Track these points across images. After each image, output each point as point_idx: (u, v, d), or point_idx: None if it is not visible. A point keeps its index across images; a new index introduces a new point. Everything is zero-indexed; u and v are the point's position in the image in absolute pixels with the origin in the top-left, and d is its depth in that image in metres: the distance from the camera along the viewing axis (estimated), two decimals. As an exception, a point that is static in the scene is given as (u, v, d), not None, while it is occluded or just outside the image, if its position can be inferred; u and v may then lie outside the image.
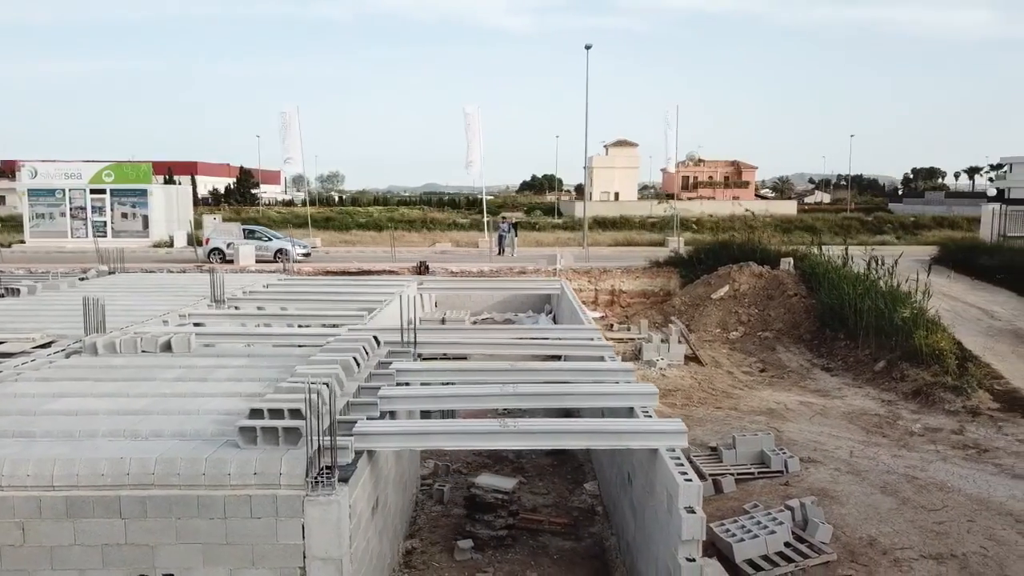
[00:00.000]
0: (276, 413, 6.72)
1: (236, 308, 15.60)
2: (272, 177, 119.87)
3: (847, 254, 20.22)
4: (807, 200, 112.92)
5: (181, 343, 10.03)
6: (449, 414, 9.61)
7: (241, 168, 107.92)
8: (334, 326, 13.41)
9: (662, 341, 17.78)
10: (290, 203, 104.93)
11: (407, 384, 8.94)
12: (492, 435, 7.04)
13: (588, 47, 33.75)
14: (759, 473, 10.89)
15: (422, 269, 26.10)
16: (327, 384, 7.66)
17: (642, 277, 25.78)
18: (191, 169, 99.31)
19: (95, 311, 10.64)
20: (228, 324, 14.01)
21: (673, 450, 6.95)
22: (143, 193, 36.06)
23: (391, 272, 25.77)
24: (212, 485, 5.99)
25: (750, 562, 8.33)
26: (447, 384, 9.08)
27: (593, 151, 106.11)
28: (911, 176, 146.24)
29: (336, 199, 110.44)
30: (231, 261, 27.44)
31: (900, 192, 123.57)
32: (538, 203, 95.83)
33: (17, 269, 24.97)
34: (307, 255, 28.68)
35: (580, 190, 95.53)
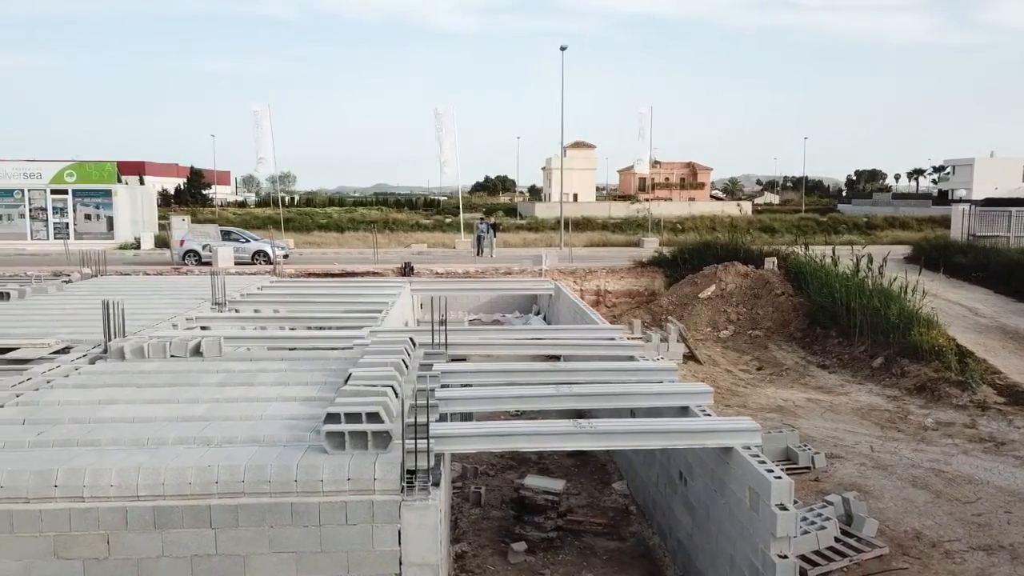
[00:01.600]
0: (353, 417, 6.57)
1: (236, 311, 15.26)
2: (223, 178, 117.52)
3: (835, 254, 20.65)
4: (757, 201, 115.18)
5: (212, 347, 9.75)
6: (467, 416, 9.50)
7: (191, 168, 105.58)
8: (351, 327, 13.23)
9: (661, 340, 17.92)
10: (242, 204, 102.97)
11: (447, 386, 8.83)
12: (569, 436, 6.99)
13: (563, 48, 33.89)
14: (787, 470, 11.05)
15: (407, 270, 25.87)
16: (392, 387, 7.55)
17: (627, 277, 25.96)
18: (139, 169, 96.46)
19: (115, 315, 10.28)
20: (231, 327, 13.69)
21: (748, 448, 7.00)
22: (107, 194, 35.03)
23: (376, 274, 25.49)
24: (305, 492, 5.83)
25: (803, 557, 8.44)
26: (484, 386, 9.00)
27: (551, 152, 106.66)
28: (854, 178, 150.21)
29: (289, 200, 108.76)
30: (207, 263, 26.80)
31: (844, 193, 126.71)
32: (495, 204, 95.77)
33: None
34: (286, 257, 28.19)
35: (533, 191, 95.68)
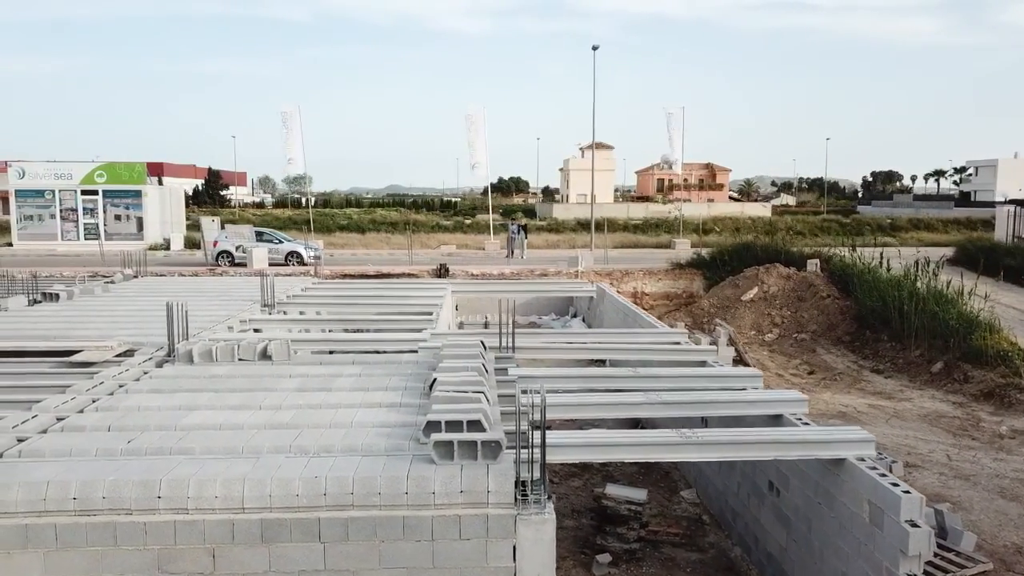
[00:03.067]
0: (454, 425, 6.32)
1: (284, 313, 15.07)
2: (239, 179, 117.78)
3: (883, 256, 20.25)
4: (773, 203, 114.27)
5: (280, 351, 9.52)
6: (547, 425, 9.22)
7: (209, 169, 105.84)
8: (409, 330, 12.99)
9: (710, 344, 17.59)
10: (260, 205, 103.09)
11: (526, 392, 8.56)
12: (674, 447, 6.72)
13: (595, 48, 33.58)
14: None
15: (442, 272, 25.64)
16: (484, 393, 7.29)
17: (664, 279, 25.63)
18: (158, 170, 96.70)
19: (179, 317, 10.07)
20: (283, 329, 13.50)
21: (863, 459, 6.70)
22: (137, 194, 35.01)
23: (411, 275, 25.26)
24: (416, 504, 5.57)
25: (901, 573, 8.12)
26: (564, 392, 8.73)
27: (568, 153, 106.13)
28: (870, 179, 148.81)
29: (305, 201, 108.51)
30: (240, 264, 26.67)
31: (860, 194, 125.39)
32: (511, 205, 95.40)
33: (20, 273, 23.91)
34: (317, 258, 28.02)
35: (546, 192, 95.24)
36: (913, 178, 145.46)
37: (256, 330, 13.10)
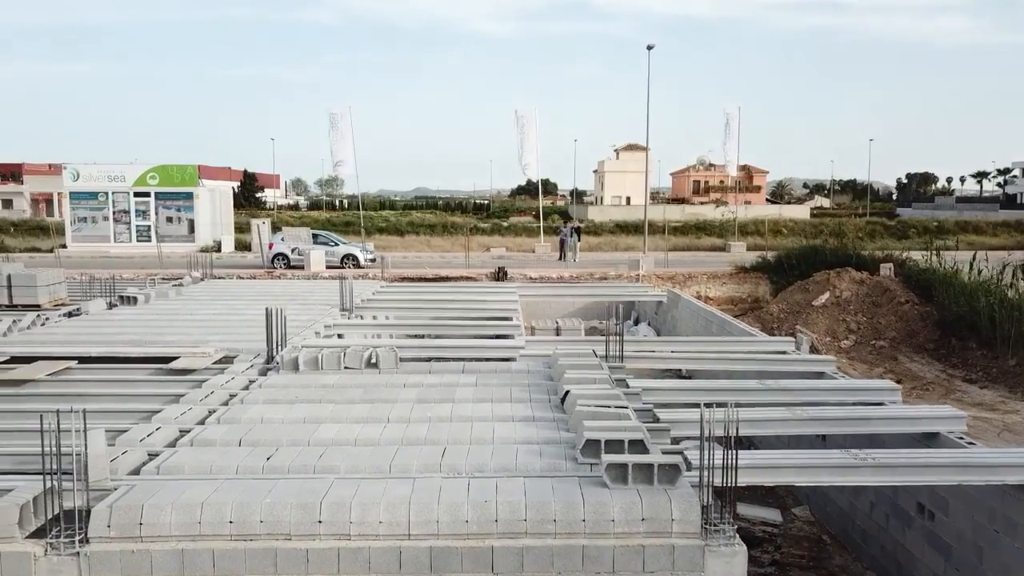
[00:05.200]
0: (614, 445, 5.87)
1: (361, 317, 14.76)
2: (274, 181, 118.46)
3: (975, 259, 19.49)
4: (807, 205, 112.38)
5: (388, 359, 9.14)
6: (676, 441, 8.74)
7: (245, 172, 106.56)
8: (496, 336, 12.61)
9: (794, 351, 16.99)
10: (295, 207, 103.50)
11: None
12: (846, 469, 6.20)
13: (650, 47, 32.98)
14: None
15: (500, 275, 25.24)
16: (628, 408, 6.85)
17: (729, 282, 25.00)
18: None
19: (278, 324, 9.75)
20: (363, 334, 13.19)
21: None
22: (189, 196, 35.02)
23: (469, 278, 24.90)
24: (594, 533, 5.13)
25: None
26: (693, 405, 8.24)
27: (603, 155, 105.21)
28: (905, 181, 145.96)
29: (338, 204, 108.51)
30: (296, 267, 26.49)
31: (895, 196, 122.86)
32: (546, 208, 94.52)
33: (80, 275, 23.94)
34: (372, 260, 27.78)
35: (574, 195, 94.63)
36: (949, 180, 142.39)
37: (339, 335, 12.79)
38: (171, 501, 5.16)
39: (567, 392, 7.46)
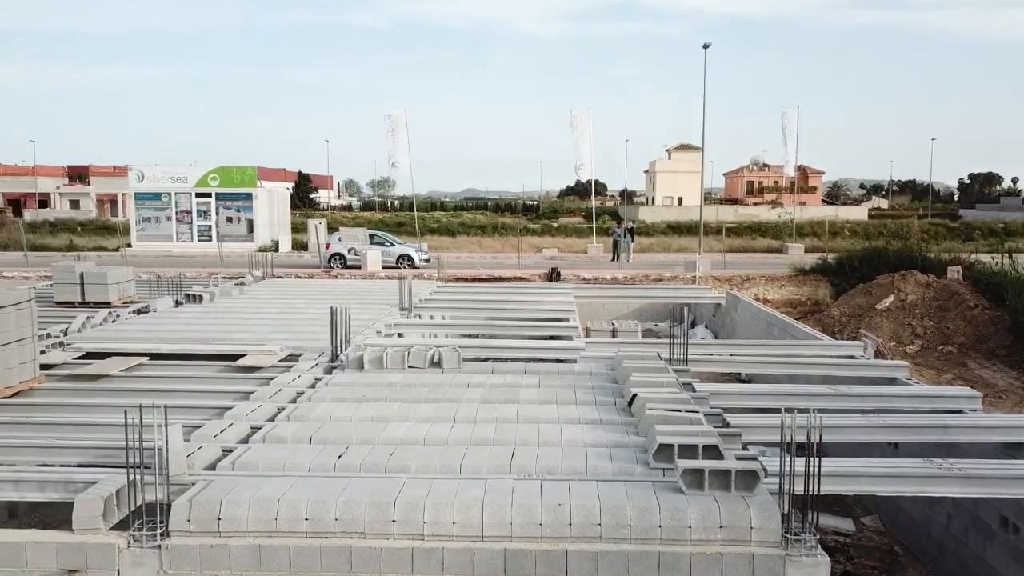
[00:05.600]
0: (688, 450, 5.76)
1: (419, 316, 14.84)
2: (327, 182, 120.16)
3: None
4: (864, 206, 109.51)
5: (451, 359, 9.15)
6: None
7: (299, 173, 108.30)
8: (554, 337, 12.55)
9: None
10: (348, 208, 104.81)
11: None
12: (930, 479, 5.98)
13: (706, 46, 32.56)
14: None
15: (554, 276, 25.15)
16: (699, 413, 6.72)
17: (788, 285, 24.48)
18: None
19: (343, 323, 9.84)
20: (423, 333, 13.24)
21: None
22: (248, 197, 35.74)
23: (522, 279, 24.88)
24: (671, 540, 5.03)
25: None
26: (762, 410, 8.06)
27: (655, 155, 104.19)
28: (967, 181, 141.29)
29: (390, 204, 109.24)
30: (353, 267, 26.79)
31: (956, 197, 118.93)
32: (598, 208, 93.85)
33: (147, 273, 24.61)
34: (427, 261, 27.95)
35: (623, 195, 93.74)
36: (1015, 180, 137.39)
37: (399, 334, 12.87)
38: (248, 497, 5.22)
39: (634, 395, 7.36)
